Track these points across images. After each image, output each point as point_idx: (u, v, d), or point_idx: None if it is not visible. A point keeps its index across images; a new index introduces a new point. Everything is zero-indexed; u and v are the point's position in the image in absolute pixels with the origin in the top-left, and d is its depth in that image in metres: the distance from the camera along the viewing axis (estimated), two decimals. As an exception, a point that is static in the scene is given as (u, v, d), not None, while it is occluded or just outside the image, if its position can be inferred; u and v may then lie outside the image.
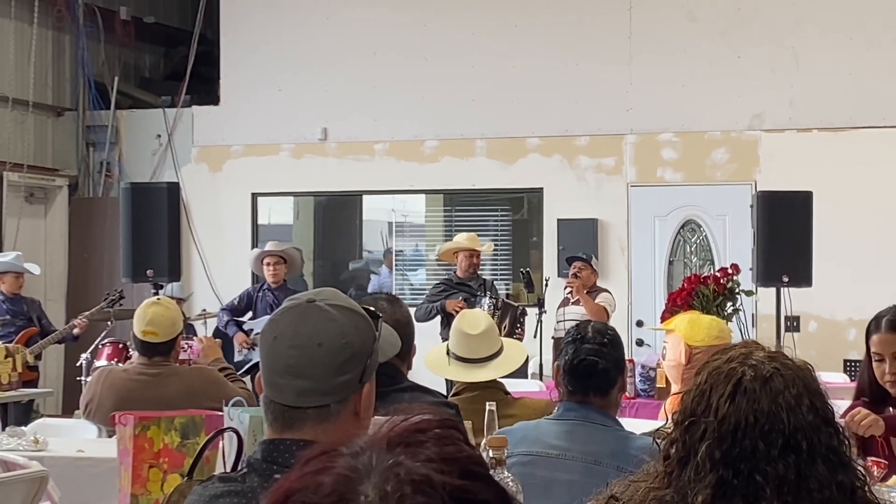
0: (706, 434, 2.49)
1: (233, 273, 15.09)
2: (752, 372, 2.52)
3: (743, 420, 2.48)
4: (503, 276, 14.51)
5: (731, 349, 2.64)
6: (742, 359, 2.56)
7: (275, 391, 2.69)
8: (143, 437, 4.38)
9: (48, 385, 13.40)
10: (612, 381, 4.48)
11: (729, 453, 2.47)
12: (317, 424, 2.66)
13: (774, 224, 11.21)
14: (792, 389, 2.51)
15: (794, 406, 2.49)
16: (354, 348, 2.67)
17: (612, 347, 4.51)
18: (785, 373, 2.53)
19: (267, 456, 2.68)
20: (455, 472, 1.33)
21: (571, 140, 14.29)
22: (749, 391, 2.50)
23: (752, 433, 2.47)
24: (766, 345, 2.65)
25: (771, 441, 2.46)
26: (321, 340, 2.65)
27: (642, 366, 9.61)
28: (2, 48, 14.43)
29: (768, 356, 2.58)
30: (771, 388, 2.50)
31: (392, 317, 4.44)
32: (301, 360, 2.65)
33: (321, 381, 2.65)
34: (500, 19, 14.49)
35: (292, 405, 2.66)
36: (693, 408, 2.54)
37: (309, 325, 2.66)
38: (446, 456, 1.34)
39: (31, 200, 15.47)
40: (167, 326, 6.67)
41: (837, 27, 13.56)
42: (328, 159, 15.07)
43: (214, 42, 15.85)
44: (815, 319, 13.33)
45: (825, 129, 13.58)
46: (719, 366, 2.57)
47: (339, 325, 2.67)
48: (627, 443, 4.29)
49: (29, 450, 6.65)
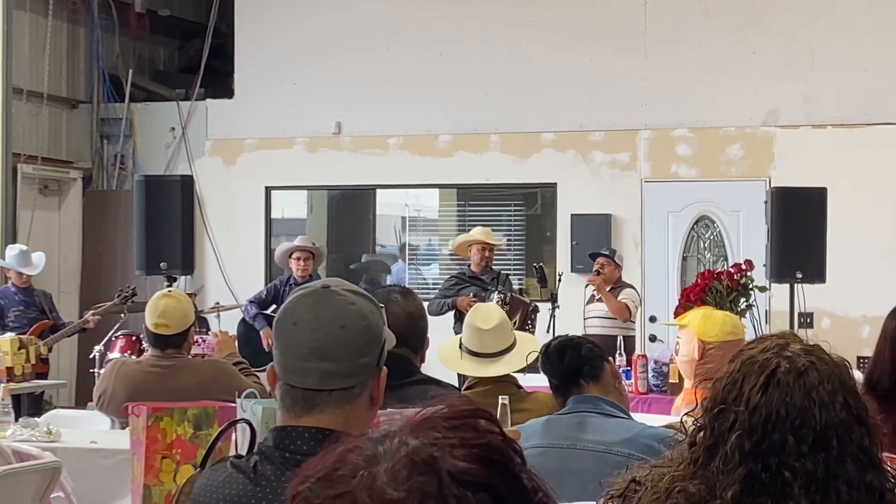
0: (736, 424, 2.44)
1: (246, 266, 15.11)
2: (786, 364, 2.47)
3: (774, 412, 2.43)
4: (517, 271, 14.50)
5: (766, 339, 2.58)
6: (777, 350, 2.51)
7: (297, 375, 2.70)
8: (156, 427, 4.38)
9: (61, 377, 13.44)
10: (593, 358, 4.56)
11: (758, 445, 2.43)
12: (338, 408, 2.68)
13: (788, 220, 11.20)
14: (827, 385, 2.45)
15: (828, 402, 2.44)
16: (373, 331, 2.71)
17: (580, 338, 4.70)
18: (821, 367, 2.48)
19: (279, 443, 2.69)
20: (467, 456, 1.33)
21: (586, 135, 14.28)
22: (783, 383, 2.45)
23: (782, 427, 2.42)
24: (804, 337, 2.62)
25: (801, 436, 2.42)
26: (343, 323, 2.68)
27: (655, 361, 9.60)
28: (17, 40, 14.45)
29: (804, 349, 2.52)
30: (805, 381, 2.45)
31: (405, 309, 4.45)
32: (325, 343, 2.67)
33: (345, 362, 2.68)
34: (515, 14, 14.47)
35: (317, 388, 2.69)
36: (724, 396, 2.50)
37: (329, 309, 2.69)
38: (461, 441, 1.35)
39: (45, 193, 15.49)
40: (179, 318, 6.67)
41: (853, 23, 13.53)
42: (342, 153, 15.07)
43: (229, 35, 15.85)
44: (829, 316, 13.30)
45: (840, 125, 13.55)
46: (754, 355, 2.52)
47: (359, 308, 2.71)
48: (638, 431, 4.32)
49: (42, 441, 6.67)
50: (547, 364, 4.64)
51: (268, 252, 15.06)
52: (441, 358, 5.73)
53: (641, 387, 9.41)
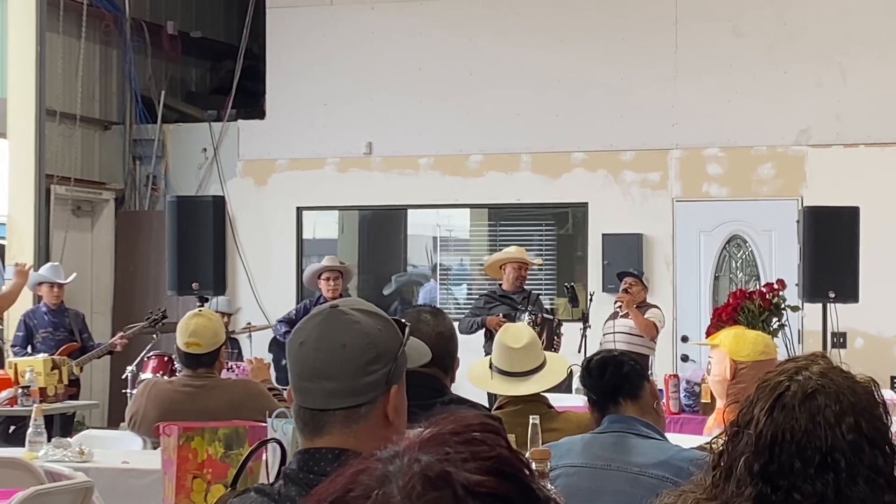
0: (746, 446, 2.47)
1: (278, 287, 15.13)
2: (795, 387, 2.48)
3: (780, 435, 2.45)
4: (548, 291, 14.49)
5: (792, 360, 2.60)
6: (793, 372, 2.52)
7: (303, 396, 2.72)
8: (187, 447, 4.39)
9: (94, 397, 13.47)
10: (634, 376, 4.53)
11: (766, 468, 2.44)
12: (345, 427, 2.68)
13: (821, 239, 11.15)
14: (834, 407, 2.45)
15: (834, 424, 2.44)
16: (379, 349, 2.70)
17: (622, 355, 4.66)
18: (829, 389, 2.47)
19: (303, 465, 2.69)
20: (479, 469, 1.34)
21: (617, 155, 14.27)
22: (788, 406, 2.46)
23: (788, 449, 2.43)
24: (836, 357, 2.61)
25: (807, 458, 2.42)
26: (345, 342, 2.68)
27: (687, 381, 9.56)
28: (50, 62, 14.53)
29: (821, 371, 2.52)
30: (811, 404, 2.46)
31: (435, 329, 4.44)
32: (326, 362, 2.68)
33: (347, 380, 2.67)
34: (545, 34, 14.48)
35: (321, 408, 2.69)
36: (739, 418, 2.52)
37: (333, 328, 2.70)
38: (473, 455, 1.35)
39: (78, 214, 15.57)
40: (210, 338, 6.68)
41: (884, 42, 13.49)
42: (373, 173, 15.09)
43: (260, 56, 15.91)
44: (862, 336, 13.24)
45: (872, 144, 13.51)
46: (770, 378, 2.54)
47: (363, 327, 2.70)
48: (673, 454, 4.29)
49: (74, 461, 6.68)
50: (587, 378, 4.62)
51: (299, 272, 15.08)
52: (471, 377, 5.73)
53: (673, 407, 9.37)
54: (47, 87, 14.45)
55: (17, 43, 14.38)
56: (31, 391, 10.06)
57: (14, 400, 10.08)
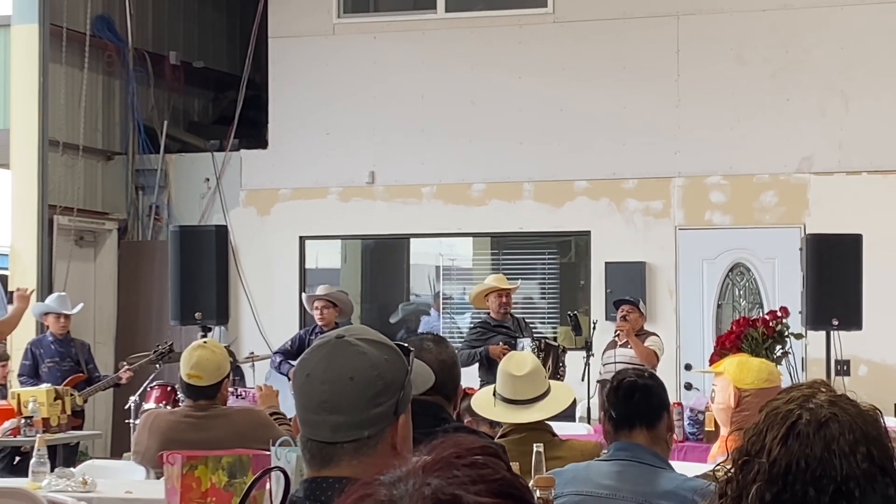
0: (758, 475, 2.45)
1: (281, 316, 15.12)
2: (808, 415, 2.46)
3: (794, 464, 2.42)
4: (551, 319, 14.47)
5: (795, 388, 2.58)
6: (802, 400, 2.50)
7: (310, 428, 2.70)
8: (190, 476, 4.38)
9: (97, 427, 13.45)
10: (657, 407, 4.51)
11: (779, 497, 2.42)
12: (353, 458, 2.66)
13: (824, 267, 11.15)
14: (848, 436, 2.44)
15: (849, 453, 2.42)
16: (387, 380, 2.68)
17: (653, 379, 4.63)
18: (842, 418, 2.46)
19: (309, 494, 2.68)
20: (486, 491, 1.34)
21: (619, 183, 14.27)
22: (802, 435, 2.44)
23: (802, 478, 2.41)
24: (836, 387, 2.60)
25: (821, 487, 2.40)
26: (353, 374, 2.66)
27: (691, 409, 9.56)
28: (53, 93, 14.56)
29: (830, 399, 2.50)
30: (826, 433, 2.44)
31: (438, 357, 4.44)
32: (334, 395, 2.66)
33: (355, 414, 2.65)
34: (547, 62, 14.50)
35: (329, 441, 2.67)
36: (748, 447, 2.50)
37: (339, 360, 2.68)
38: (479, 478, 1.35)
39: (80, 244, 15.57)
40: (212, 370, 6.64)
41: (887, 70, 13.51)
42: (376, 202, 15.10)
43: (263, 86, 15.94)
44: (866, 363, 13.22)
45: (875, 171, 13.51)
46: (778, 406, 2.52)
47: (370, 358, 2.68)
48: (679, 483, 4.28)
49: (78, 491, 6.68)
50: (612, 396, 4.59)
51: (302, 302, 15.07)
52: (475, 405, 5.73)
53: (677, 435, 9.34)
54: (50, 118, 14.48)
55: (20, 73, 14.42)
56: (34, 421, 10.06)
57: (17, 430, 10.07)
